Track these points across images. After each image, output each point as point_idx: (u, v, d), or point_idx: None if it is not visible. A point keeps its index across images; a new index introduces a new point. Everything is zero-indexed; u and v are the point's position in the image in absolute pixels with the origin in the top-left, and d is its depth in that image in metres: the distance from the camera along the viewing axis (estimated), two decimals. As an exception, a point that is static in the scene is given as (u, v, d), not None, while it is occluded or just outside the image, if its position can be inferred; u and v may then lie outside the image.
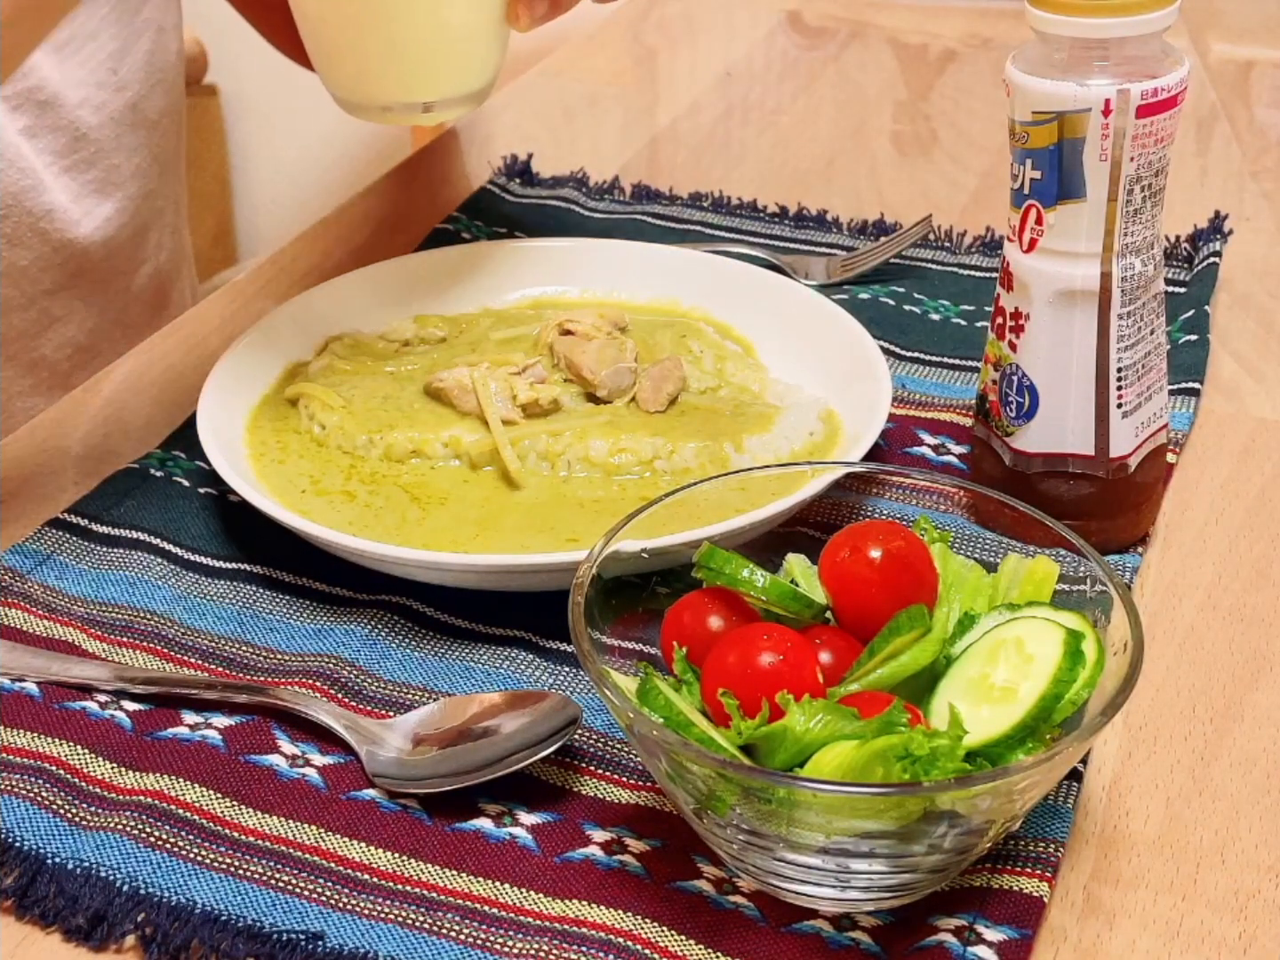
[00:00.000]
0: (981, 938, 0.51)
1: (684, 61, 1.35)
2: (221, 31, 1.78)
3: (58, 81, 0.85)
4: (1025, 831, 0.54)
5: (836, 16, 1.39)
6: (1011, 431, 0.68)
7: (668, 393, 0.75)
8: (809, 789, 0.47)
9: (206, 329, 0.89)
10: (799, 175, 1.09)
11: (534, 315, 0.82)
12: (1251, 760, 0.59)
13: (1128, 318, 0.65)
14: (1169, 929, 0.53)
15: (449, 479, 0.72)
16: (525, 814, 0.56)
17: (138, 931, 0.52)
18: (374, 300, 0.84)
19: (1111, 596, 0.53)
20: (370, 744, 0.58)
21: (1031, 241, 0.65)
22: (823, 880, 0.50)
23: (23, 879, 0.53)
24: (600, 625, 0.54)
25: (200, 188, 2.05)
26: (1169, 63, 0.62)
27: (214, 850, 0.54)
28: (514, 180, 1.05)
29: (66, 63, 0.85)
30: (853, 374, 0.76)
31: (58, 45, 0.85)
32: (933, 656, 0.53)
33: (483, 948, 0.51)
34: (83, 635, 0.64)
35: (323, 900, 0.52)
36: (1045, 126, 0.62)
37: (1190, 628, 0.66)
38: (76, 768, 0.57)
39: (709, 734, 0.50)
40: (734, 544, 0.57)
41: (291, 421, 0.76)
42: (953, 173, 1.09)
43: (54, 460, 0.77)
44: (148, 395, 0.83)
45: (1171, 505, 0.73)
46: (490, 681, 0.62)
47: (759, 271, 0.87)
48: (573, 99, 1.25)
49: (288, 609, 0.66)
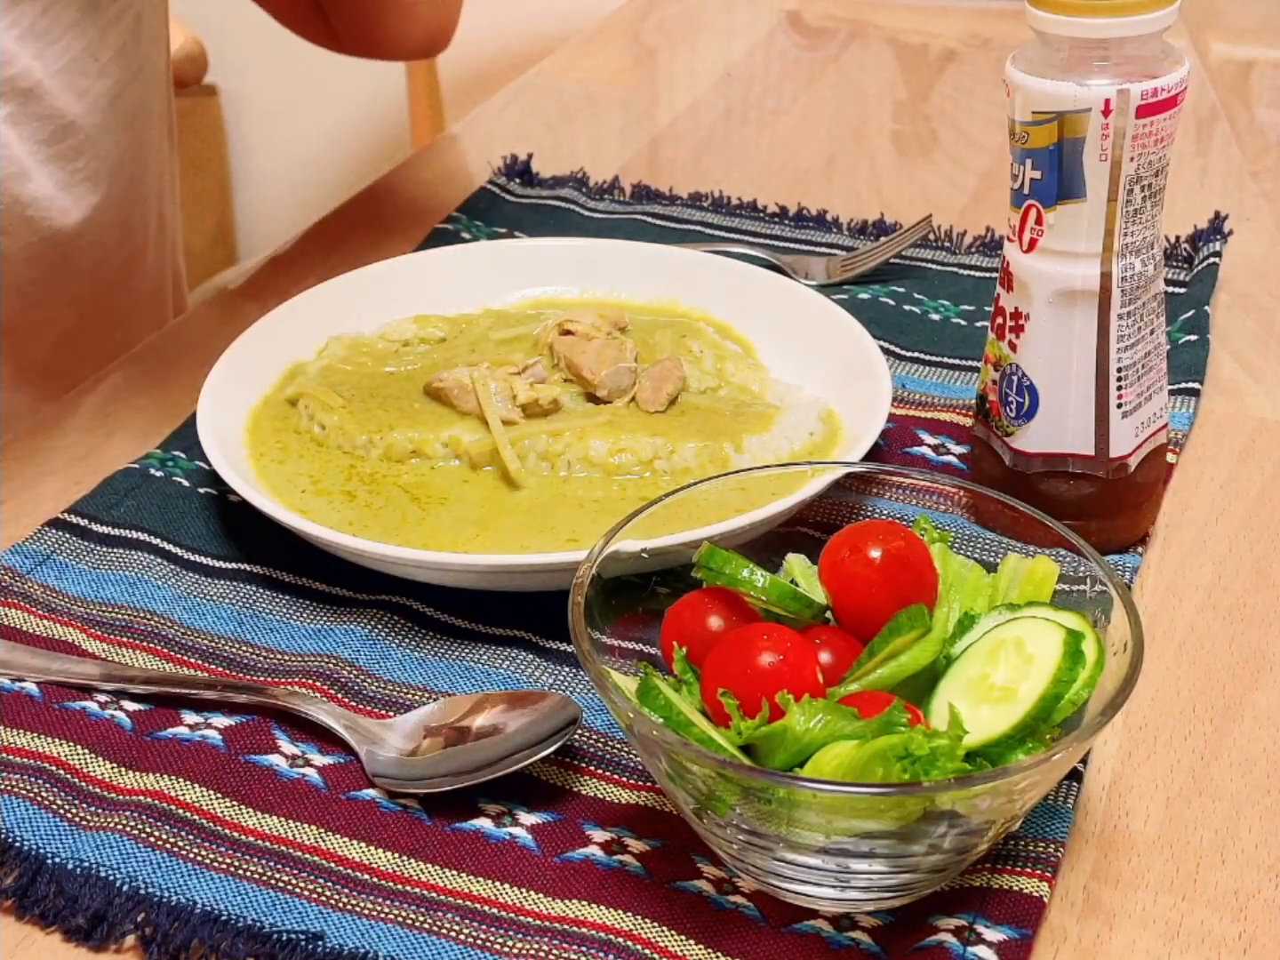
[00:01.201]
0: (981, 938, 0.51)
1: (684, 61, 1.35)
2: (221, 31, 1.79)
3: (39, 70, 0.85)
4: (1025, 831, 0.54)
5: (836, 16, 1.39)
6: (1011, 431, 0.68)
7: (668, 393, 0.75)
8: (809, 789, 0.47)
9: (206, 329, 0.89)
10: (799, 175, 1.09)
11: (534, 315, 0.82)
12: (1251, 760, 0.59)
13: (1128, 318, 0.65)
14: (1169, 929, 0.53)
15: (449, 479, 0.72)
16: (525, 814, 0.56)
17: (138, 931, 0.52)
18: (374, 300, 0.84)
19: (1111, 596, 0.53)
20: (370, 744, 0.58)
21: (1031, 241, 0.65)
22: (823, 880, 0.50)
23: (23, 879, 0.53)
24: (600, 625, 0.54)
25: (200, 188, 2.05)
26: (1169, 63, 0.62)
27: (214, 850, 0.54)
28: (514, 180, 1.05)
29: (47, 51, 0.85)
30: (853, 374, 0.76)
31: (38, 33, 0.85)
32: (933, 656, 0.53)
33: (483, 948, 0.51)
34: (83, 635, 0.64)
35: (323, 900, 0.52)
36: (1045, 126, 0.62)
37: (1190, 628, 0.66)
38: (76, 768, 0.57)
39: (709, 734, 0.50)
40: (734, 544, 0.57)
41: (291, 421, 0.76)
42: (953, 173, 1.09)
43: (54, 460, 0.77)
44: (148, 395, 0.83)
45: (1171, 505, 0.73)
46: (490, 681, 0.62)
47: (759, 271, 0.87)
48: (573, 99, 1.25)
49: (288, 609, 0.66)
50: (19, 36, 0.84)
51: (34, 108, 0.86)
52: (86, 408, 0.82)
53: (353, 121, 2.04)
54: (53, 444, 0.78)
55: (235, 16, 1.06)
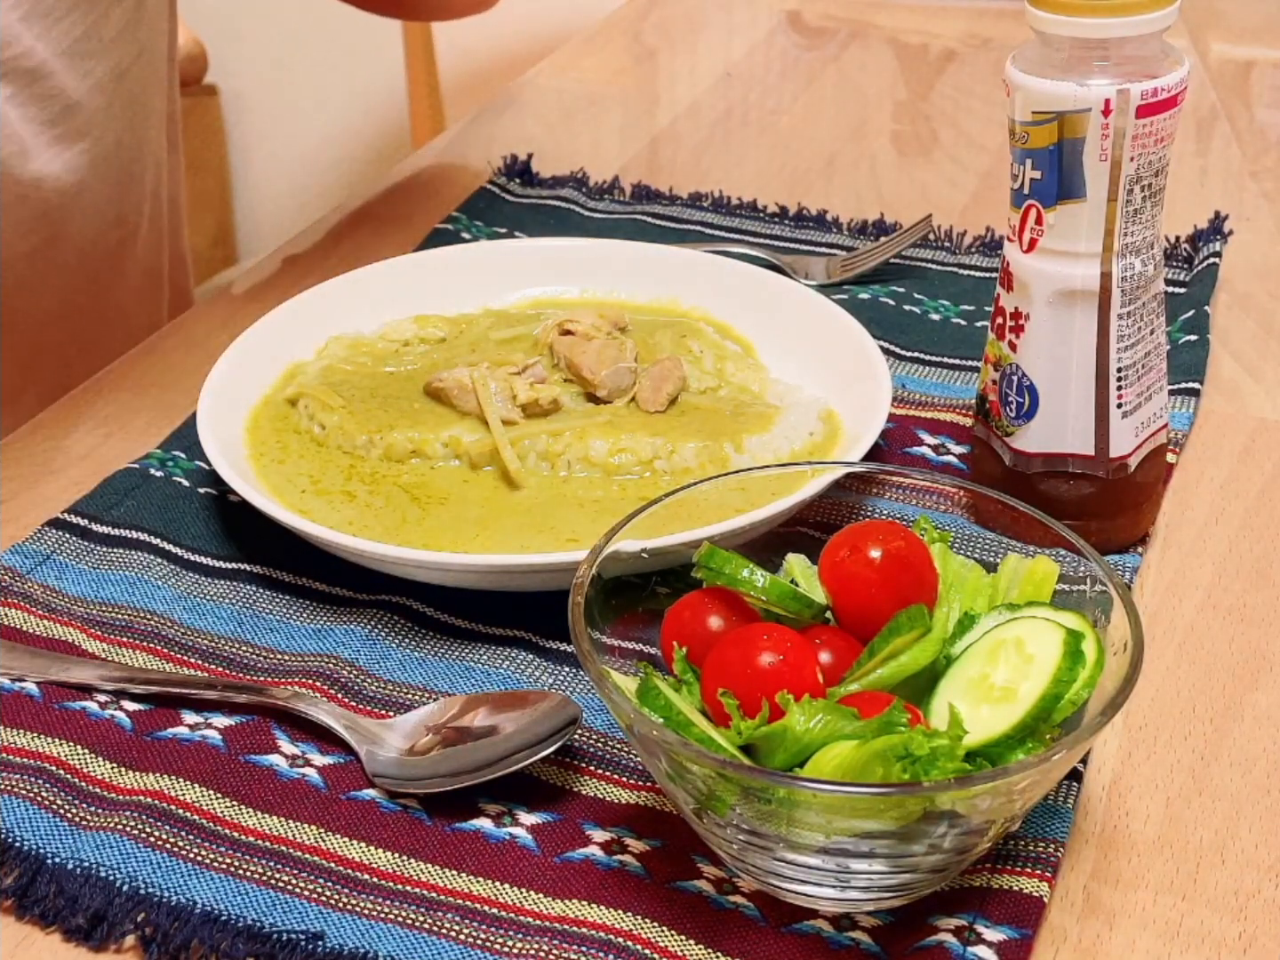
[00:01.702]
0: (981, 938, 0.51)
1: (684, 61, 1.35)
2: (221, 31, 1.79)
3: (43, 50, 0.85)
4: (1025, 831, 0.54)
5: (836, 16, 1.39)
6: (1011, 431, 0.68)
7: (668, 393, 0.75)
8: (809, 789, 0.47)
9: (206, 329, 0.89)
10: (799, 175, 1.09)
11: (534, 315, 0.82)
12: (1251, 760, 0.59)
13: (1128, 318, 0.65)
14: (1169, 929, 0.53)
15: (449, 479, 0.72)
16: (525, 814, 0.56)
17: (138, 931, 0.52)
18: (374, 300, 0.84)
19: (1111, 596, 0.53)
20: (370, 744, 0.58)
21: (1031, 241, 0.65)
22: (823, 880, 0.50)
23: (23, 879, 0.53)
24: (600, 625, 0.54)
25: (200, 188, 2.05)
26: (1169, 63, 0.62)
27: (214, 850, 0.54)
28: (514, 180, 1.05)
29: (51, 31, 0.85)
30: (853, 374, 0.76)
31: (41, 13, 0.85)
32: (933, 656, 0.53)
33: (483, 948, 0.51)
34: (83, 635, 0.64)
35: (323, 900, 0.52)
36: (1045, 126, 0.62)
37: (1190, 628, 0.66)
38: (76, 768, 0.57)
39: (709, 734, 0.50)
40: (734, 544, 0.57)
41: (291, 421, 0.76)
42: (953, 173, 1.09)
43: (54, 460, 0.77)
44: (148, 395, 0.83)
45: (1171, 505, 0.73)
46: (490, 681, 0.62)
47: (759, 271, 0.87)
48: (573, 99, 1.25)
49: (288, 609, 0.66)
50: (22, 17, 0.84)
51: (37, 88, 0.86)
52: (86, 407, 0.82)
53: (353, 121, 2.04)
54: (53, 444, 0.78)
55: (235, 16, 1.06)
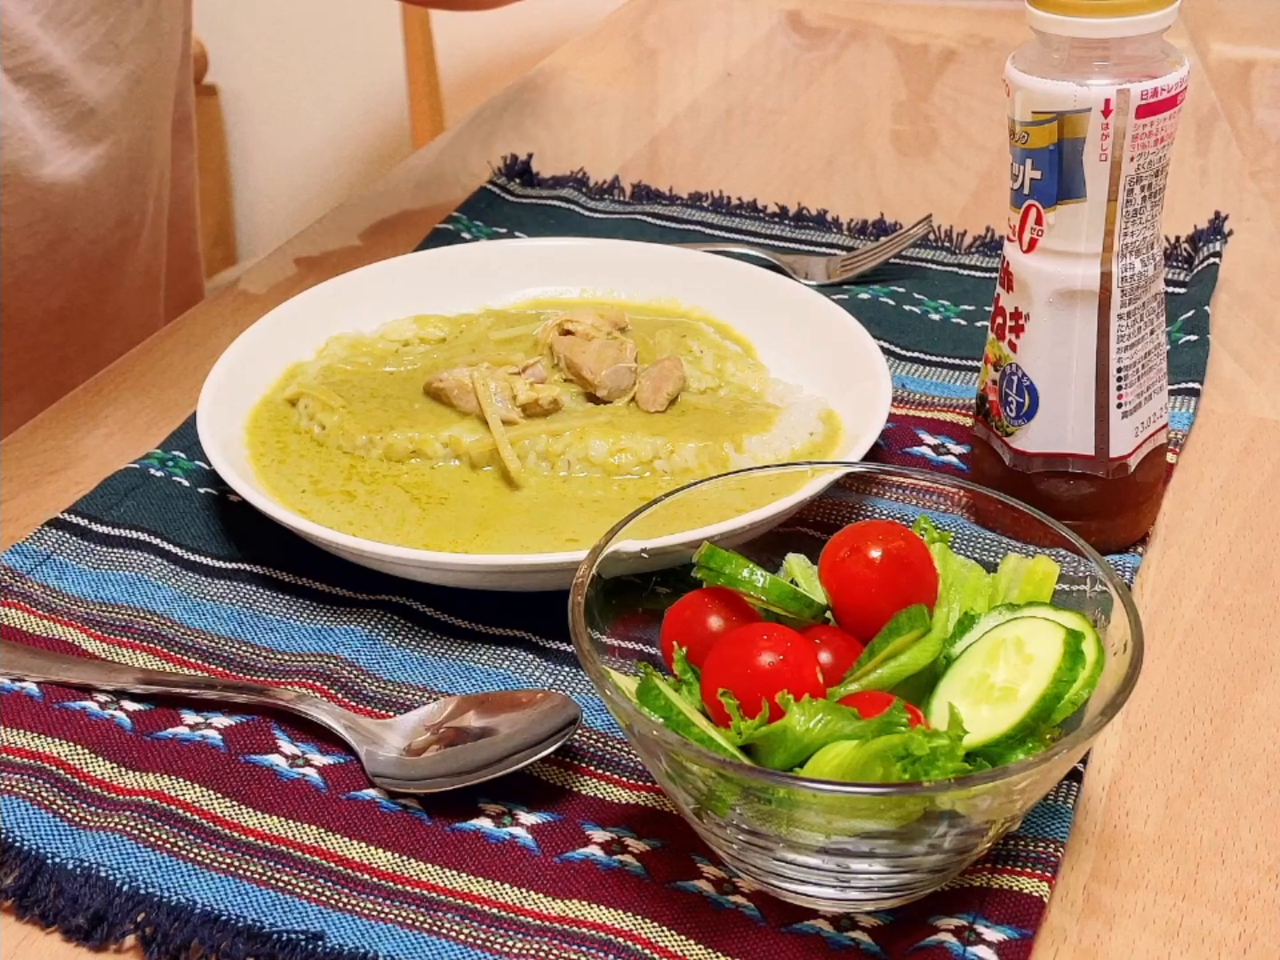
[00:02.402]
0: (981, 938, 0.51)
1: (684, 61, 1.35)
2: (221, 31, 1.79)
3: (60, 56, 0.85)
4: (1025, 831, 0.54)
5: (836, 16, 1.39)
6: (1011, 431, 0.68)
7: (668, 393, 0.75)
8: (809, 789, 0.47)
9: (206, 329, 0.89)
10: (799, 175, 1.09)
11: (534, 315, 0.83)
12: (1251, 760, 0.59)
13: (1128, 318, 0.65)
14: (1169, 929, 0.53)
15: (449, 479, 0.72)
16: (525, 814, 0.56)
17: (138, 931, 0.52)
18: (374, 300, 0.84)
19: (1111, 596, 0.53)
20: (370, 744, 0.58)
21: (1031, 241, 0.65)
22: (823, 880, 0.50)
23: (23, 879, 0.53)
24: (600, 625, 0.54)
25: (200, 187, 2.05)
26: (1169, 63, 0.62)
27: (214, 850, 0.54)
28: (514, 180, 1.05)
29: (68, 36, 0.85)
30: (853, 374, 0.76)
31: (60, 18, 0.85)
32: (933, 656, 0.53)
33: (483, 948, 0.51)
34: (83, 635, 0.64)
35: (323, 900, 0.52)
36: (1045, 126, 0.62)
37: (1190, 628, 0.66)
38: (76, 768, 0.57)
39: (709, 734, 0.50)
40: (734, 544, 0.57)
41: (291, 421, 0.76)
42: (953, 173, 1.09)
43: (54, 460, 0.77)
44: (148, 395, 0.83)
45: (1171, 505, 0.73)
46: (490, 681, 0.62)
47: (759, 271, 0.87)
48: (573, 99, 1.25)
49: (288, 609, 0.66)
50: (40, 22, 0.84)
51: (54, 93, 0.86)
52: (86, 407, 0.82)
53: (353, 121, 2.04)
54: (53, 444, 0.78)
55: (235, 16, 1.06)
